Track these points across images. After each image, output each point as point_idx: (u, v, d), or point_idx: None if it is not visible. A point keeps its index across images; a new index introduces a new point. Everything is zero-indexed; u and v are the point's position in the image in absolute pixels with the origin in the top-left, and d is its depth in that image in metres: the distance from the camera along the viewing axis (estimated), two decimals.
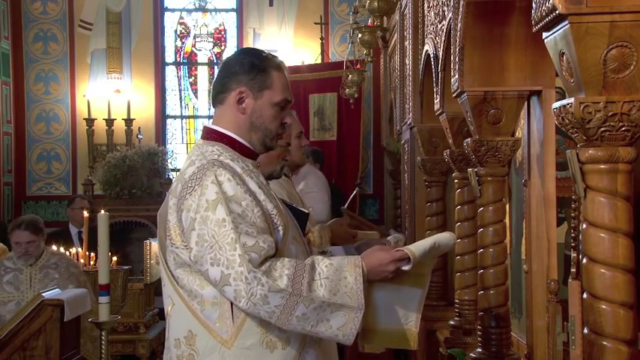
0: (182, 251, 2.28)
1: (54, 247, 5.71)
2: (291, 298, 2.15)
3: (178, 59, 11.53)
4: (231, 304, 2.25)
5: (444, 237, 2.46)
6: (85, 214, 6.28)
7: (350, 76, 8.62)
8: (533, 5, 2.06)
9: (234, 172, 2.29)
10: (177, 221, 2.28)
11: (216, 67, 11.52)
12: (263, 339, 2.28)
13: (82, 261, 6.04)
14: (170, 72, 11.47)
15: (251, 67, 2.39)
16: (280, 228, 2.31)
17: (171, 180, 9.74)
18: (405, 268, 2.32)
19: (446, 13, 3.68)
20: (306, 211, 3.02)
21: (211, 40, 11.50)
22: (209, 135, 2.44)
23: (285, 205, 2.47)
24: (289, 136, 3.33)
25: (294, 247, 2.36)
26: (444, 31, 3.69)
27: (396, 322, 2.46)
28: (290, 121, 2.50)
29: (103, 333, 3.71)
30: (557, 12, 1.88)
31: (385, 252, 2.33)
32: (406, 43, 5.80)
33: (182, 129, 11.49)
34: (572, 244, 2.74)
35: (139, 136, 10.58)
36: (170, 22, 11.49)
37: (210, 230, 2.19)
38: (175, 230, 2.29)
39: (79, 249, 6.33)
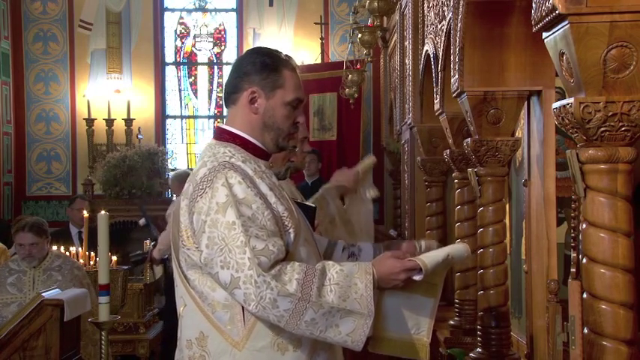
0: (193, 253, 2.28)
1: (54, 248, 5.71)
2: (300, 302, 2.15)
3: (178, 59, 11.54)
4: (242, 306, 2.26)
5: (458, 249, 2.42)
6: (85, 214, 6.28)
7: (350, 76, 8.62)
8: (533, 5, 2.06)
9: (246, 174, 2.28)
10: (189, 223, 2.28)
11: (216, 67, 11.53)
12: (274, 341, 2.27)
13: (81, 261, 6.04)
14: (170, 72, 11.48)
15: (263, 66, 2.39)
16: (291, 230, 2.30)
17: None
18: (417, 278, 2.30)
19: (446, 13, 3.68)
20: (313, 206, 3.02)
21: (211, 40, 11.51)
22: (222, 135, 2.43)
23: (296, 205, 2.47)
24: (296, 139, 3.32)
25: (305, 249, 2.35)
26: (444, 31, 3.69)
27: (406, 332, 2.43)
28: (302, 120, 2.50)
29: (103, 333, 3.71)
30: (557, 12, 1.88)
31: (397, 260, 2.31)
32: (406, 43, 5.80)
33: (182, 129, 11.49)
34: (572, 244, 2.73)
35: (139, 136, 10.59)
36: (170, 22, 11.50)
37: (220, 233, 2.19)
38: (187, 232, 2.29)
39: (79, 249, 6.33)
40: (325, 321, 2.19)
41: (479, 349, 3.46)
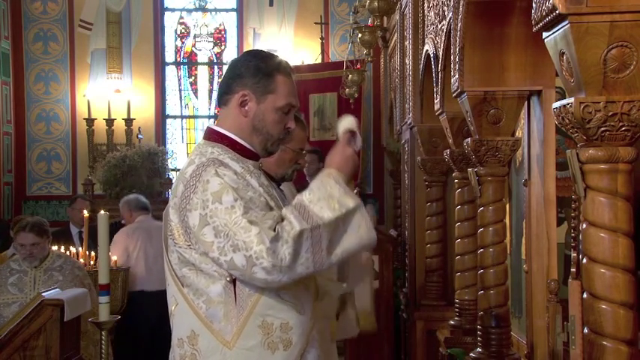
0: (186, 250, 2.29)
1: (54, 248, 5.71)
2: (314, 231, 2.15)
3: (178, 59, 11.54)
4: (236, 302, 2.26)
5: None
6: (85, 214, 6.28)
7: (350, 76, 8.62)
8: (533, 5, 2.06)
9: (235, 171, 2.30)
10: (180, 221, 2.29)
11: (216, 67, 11.53)
12: (265, 340, 2.28)
13: (82, 261, 6.04)
14: (170, 72, 11.48)
15: (256, 70, 2.39)
16: None
17: (171, 180, 9.75)
18: (358, 142, 2.38)
19: (446, 13, 3.68)
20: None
21: (211, 40, 11.50)
22: (210, 136, 2.44)
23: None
24: (303, 141, 3.32)
25: None
26: (444, 31, 3.69)
27: None
28: (293, 126, 2.49)
29: (103, 333, 3.71)
30: (557, 12, 1.88)
31: (336, 147, 2.37)
32: (406, 43, 5.80)
33: (182, 129, 11.49)
34: (572, 244, 2.74)
35: (139, 136, 10.59)
36: (170, 22, 11.49)
37: (222, 220, 2.20)
38: (178, 230, 2.30)
39: (80, 249, 6.33)
40: (340, 235, 2.20)
41: (479, 349, 3.46)
